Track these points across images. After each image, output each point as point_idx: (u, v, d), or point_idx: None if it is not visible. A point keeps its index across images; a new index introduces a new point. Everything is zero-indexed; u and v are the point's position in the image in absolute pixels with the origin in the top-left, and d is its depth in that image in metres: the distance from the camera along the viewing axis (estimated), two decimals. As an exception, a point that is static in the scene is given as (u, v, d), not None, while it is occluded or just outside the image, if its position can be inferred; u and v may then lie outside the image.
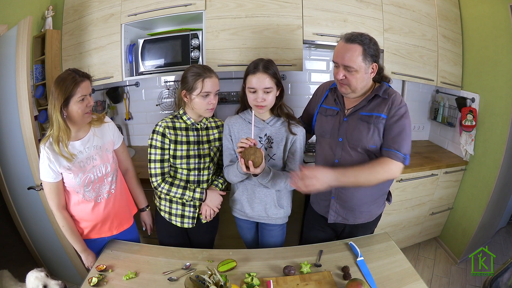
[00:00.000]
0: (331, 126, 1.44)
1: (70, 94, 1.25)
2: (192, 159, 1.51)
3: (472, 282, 2.27)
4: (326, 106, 1.50)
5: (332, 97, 1.49)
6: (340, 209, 1.48)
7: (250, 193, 1.54)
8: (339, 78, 1.31)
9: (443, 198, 2.49)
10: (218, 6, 1.98)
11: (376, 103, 1.35)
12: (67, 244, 1.94)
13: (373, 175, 1.28)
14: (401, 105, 1.31)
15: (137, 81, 2.50)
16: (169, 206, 1.58)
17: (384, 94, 1.34)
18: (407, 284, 1.22)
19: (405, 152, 1.30)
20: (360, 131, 1.35)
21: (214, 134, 1.59)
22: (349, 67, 1.27)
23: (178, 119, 1.52)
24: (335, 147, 1.42)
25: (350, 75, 1.29)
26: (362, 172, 1.28)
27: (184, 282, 1.10)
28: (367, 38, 1.28)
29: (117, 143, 1.55)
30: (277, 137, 1.46)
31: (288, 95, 2.52)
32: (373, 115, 1.33)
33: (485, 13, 2.15)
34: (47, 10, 2.03)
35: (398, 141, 1.30)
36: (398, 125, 1.30)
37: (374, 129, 1.32)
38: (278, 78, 1.40)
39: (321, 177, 1.21)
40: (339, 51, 1.30)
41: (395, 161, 1.29)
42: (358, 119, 1.37)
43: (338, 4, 2.01)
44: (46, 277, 1.30)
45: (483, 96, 2.21)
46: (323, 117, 1.50)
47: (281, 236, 1.64)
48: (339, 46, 1.31)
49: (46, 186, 1.34)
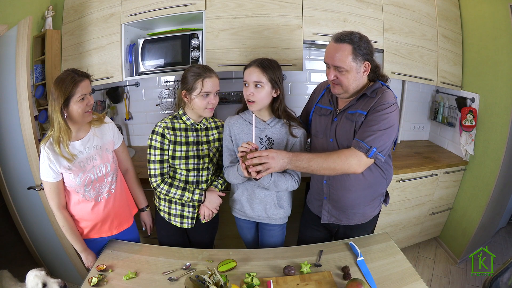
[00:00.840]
0: (324, 126, 1.44)
1: (70, 94, 1.26)
2: (191, 160, 1.51)
3: (472, 282, 2.27)
4: (321, 105, 1.50)
5: (327, 97, 1.47)
6: (333, 209, 1.47)
7: (250, 193, 1.54)
8: (331, 79, 1.31)
9: (443, 198, 2.49)
10: (218, 6, 1.98)
11: (363, 102, 1.32)
12: (67, 244, 1.94)
13: (327, 163, 1.23)
14: (385, 102, 1.25)
15: (137, 81, 2.50)
16: (168, 206, 1.58)
17: (372, 94, 1.30)
18: (407, 284, 1.22)
19: (372, 145, 1.22)
20: (346, 130, 1.34)
21: (214, 134, 1.59)
22: (340, 67, 1.26)
23: (177, 119, 1.52)
24: (326, 148, 1.41)
25: (341, 75, 1.27)
26: (316, 159, 1.24)
27: (184, 282, 1.10)
28: (357, 36, 1.25)
29: (117, 143, 1.55)
30: (278, 138, 1.46)
31: (288, 95, 2.52)
32: (357, 112, 1.31)
33: (485, 13, 2.15)
34: (47, 10, 2.03)
35: (368, 132, 1.24)
36: (373, 118, 1.25)
37: (357, 127, 1.30)
38: (273, 77, 1.39)
39: (277, 158, 1.21)
40: (329, 52, 1.28)
41: (357, 151, 1.24)
42: (345, 118, 1.36)
43: (338, 4, 2.01)
44: (46, 276, 1.30)
45: (483, 96, 2.21)
46: (318, 116, 1.49)
47: (281, 236, 1.64)
48: (329, 46, 1.30)
49: (46, 186, 1.34)
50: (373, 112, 1.26)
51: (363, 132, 1.26)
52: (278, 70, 1.42)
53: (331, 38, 1.30)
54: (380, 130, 1.23)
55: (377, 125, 1.24)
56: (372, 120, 1.26)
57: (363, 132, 1.26)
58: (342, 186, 1.41)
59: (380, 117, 1.24)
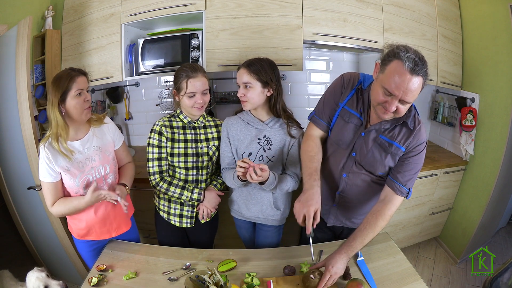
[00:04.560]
0: (351, 137, 1.30)
1: (67, 89, 1.25)
2: (190, 157, 1.51)
3: (472, 282, 2.27)
4: (349, 108, 1.30)
5: (355, 101, 1.29)
6: (340, 215, 1.47)
7: (246, 194, 1.54)
8: (392, 111, 1.11)
9: (443, 198, 2.49)
10: (218, 6, 1.98)
11: (400, 130, 1.24)
12: (67, 244, 1.94)
13: (377, 230, 1.22)
14: (422, 141, 1.23)
15: (137, 81, 2.50)
16: (168, 205, 1.58)
17: (411, 124, 1.22)
18: (407, 284, 1.22)
19: (410, 187, 1.26)
20: (375, 157, 1.27)
21: (213, 133, 1.59)
22: (408, 102, 1.09)
23: (175, 118, 1.53)
24: (346, 160, 1.34)
25: (403, 106, 1.11)
26: (367, 235, 1.21)
27: (184, 282, 1.10)
28: (426, 63, 1.07)
29: (118, 143, 1.54)
30: (276, 139, 1.46)
31: (288, 95, 2.52)
32: (394, 144, 1.24)
33: (485, 13, 2.15)
34: (47, 10, 2.03)
35: (408, 176, 1.24)
36: (413, 160, 1.24)
37: (390, 159, 1.26)
38: (262, 77, 1.38)
39: (338, 267, 1.16)
40: (402, 84, 1.04)
41: (398, 196, 1.25)
42: (375, 142, 1.27)
43: (338, 4, 2.01)
44: (47, 278, 1.29)
45: (483, 96, 2.21)
46: (343, 122, 1.32)
47: (277, 238, 1.64)
48: (402, 77, 1.04)
49: (44, 186, 1.33)
50: (411, 152, 1.24)
51: (404, 175, 1.24)
52: (270, 69, 1.41)
53: (401, 62, 1.03)
54: (417, 172, 1.26)
55: (415, 168, 1.25)
56: (412, 163, 1.24)
57: (404, 175, 1.24)
58: (357, 198, 1.41)
59: (419, 159, 1.25)
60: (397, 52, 1.05)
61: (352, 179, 1.36)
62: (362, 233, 1.21)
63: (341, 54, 2.56)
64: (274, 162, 1.47)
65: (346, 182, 1.38)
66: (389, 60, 1.07)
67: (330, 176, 1.42)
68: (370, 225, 1.22)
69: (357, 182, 1.37)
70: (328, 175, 1.42)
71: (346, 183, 1.38)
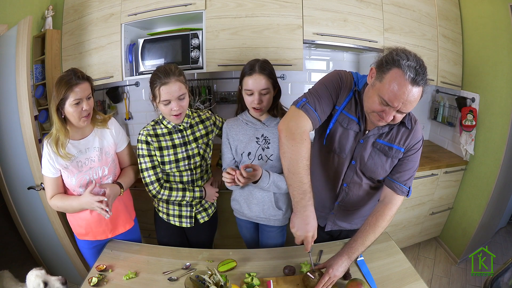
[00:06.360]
0: (351, 144, 1.24)
1: (64, 97, 1.24)
2: (181, 162, 1.48)
3: (472, 282, 2.27)
4: (347, 113, 1.22)
5: (353, 105, 1.21)
6: (338, 221, 1.47)
7: (247, 194, 1.54)
8: (389, 121, 1.07)
9: (443, 198, 2.49)
10: (218, 6, 1.98)
11: (398, 131, 1.20)
12: (67, 244, 1.94)
13: (379, 230, 1.20)
14: (419, 138, 1.22)
15: (137, 81, 2.50)
16: (166, 207, 1.58)
17: (409, 123, 1.19)
18: (407, 284, 1.22)
19: (410, 185, 1.25)
20: (375, 163, 1.24)
21: (200, 130, 1.53)
22: (406, 112, 1.05)
23: (159, 124, 1.48)
24: (345, 169, 1.29)
25: (401, 115, 1.06)
26: (369, 237, 1.19)
27: (184, 282, 1.10)
28: (426, 69, 1.00)
29: (122, 146, 1.51)
30: (274, 137, 1.46)
31: (288, 95, 2.52)
32: (394, 147, 1.21)
33: (485, 13, 2.15)
34: (47, 10, 2.03)
35: (407, 175, 1.23)
36: (411, 159, 1.23)
37: (391, 163, 1.24)
38: (274, 78, 1.39)
39: (337, 269, 1.16)
40: (403, 96, 0.98)
41: (399, 196, 1.23)
42: (374, 147, 1.23)
43: (338, 4, 2.01)
44: (46, 274, 1.30)
45: (483, 96, 2.21)
46: (341, 128, 1.24)
47: (281, 238, 1.63)
48: (402, 88, 0.97)
49: (45, 180, 1.35)
50: (410, 150, 1.22)
51: (403, 174, 1.23)
52: (273, 69, 1.41)
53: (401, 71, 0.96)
54: (415, 170, 1.25)
55: (414, 166, 1.24)
56: (411, 161, 1.23)
57: (403, 174, 1.23)
58: (355, 205, 1.40)
59: (417, 157, 1.24)
60: (397, 59, 0.97)
61: (352, 189, 1.34)
62: (363, 235, 1.20)
63: (341, 54, 2.56)
64: (273, 161, 1.46)
65: (347, 192, 1.35)
66: (388, 68, 0.99)
67: (327, 185, 1.38)
68: (371, 227, 1.20)
69: (357, 192, 1.35)
70: (325, 184, 1.38)
71: (347, 193, 1.36)
